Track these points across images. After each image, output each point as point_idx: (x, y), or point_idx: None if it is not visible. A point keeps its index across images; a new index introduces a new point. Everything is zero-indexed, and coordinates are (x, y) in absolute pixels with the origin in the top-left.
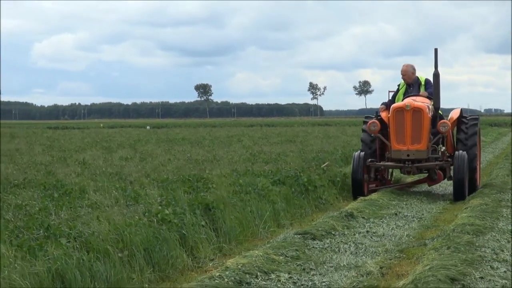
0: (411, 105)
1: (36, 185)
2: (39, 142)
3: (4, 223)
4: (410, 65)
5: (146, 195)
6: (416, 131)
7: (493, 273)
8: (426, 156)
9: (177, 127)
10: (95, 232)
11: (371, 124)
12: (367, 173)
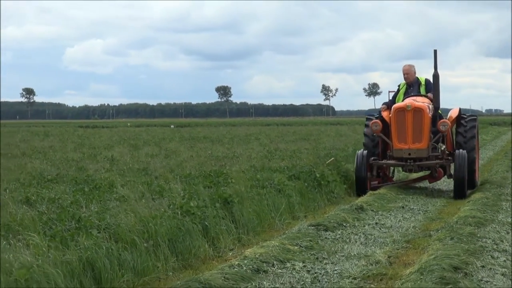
0: (412, 105)
1: (68, 180)
2: (71, 140)
3: (38, 215)
4: (412, 65)
5: (170, 189)
6: (417, 130)
7: (494, 262)
8: (427, 154)
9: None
10: (123, 223)
11: (373, 124)
12: (370, 171)
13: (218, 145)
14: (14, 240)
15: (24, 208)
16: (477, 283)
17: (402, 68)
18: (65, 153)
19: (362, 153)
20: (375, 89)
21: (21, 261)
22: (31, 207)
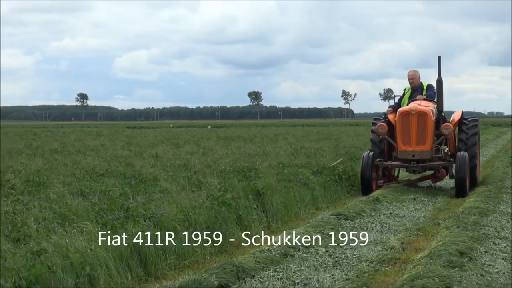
0: (416, 109)
1: (117, 175)
2: (120, 139)
3: (91, 206)
4: (417, 71)
5: (207, 182)
6: (421, 133)
7: (495, 248)
8: (430, 156)
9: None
10: (166, 213)
11: (379, 126)
12: (375, 172)
13: (250, 144)
14: (69, 228)
15: (78, 200)
16: (480, 266)
17: (408, 73)
18: (115, 150)
19: (368, 154)
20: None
21: (76, 246)
22: (84, 198)
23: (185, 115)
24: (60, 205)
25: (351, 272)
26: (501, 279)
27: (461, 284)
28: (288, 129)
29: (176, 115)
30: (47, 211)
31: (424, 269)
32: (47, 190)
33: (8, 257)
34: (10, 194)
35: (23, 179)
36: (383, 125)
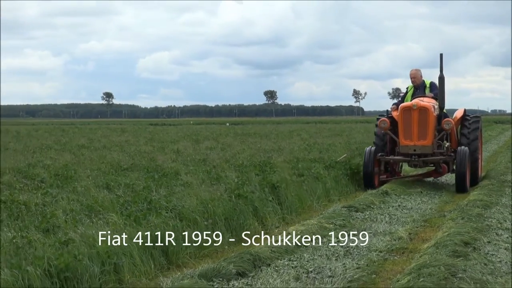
0: (417, 105)
1: (141, 169)
2: (143, 136)
3: (115, 198)
4: (419, 70)
5: (226, 176)
6: (422, 128)
7: (498, 239)
8: (431, 151)
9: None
10: (187, 205)
11: (381, 122)
12: (378, 166)
13: (266, 140)
14: (96, 219)
15: (104, 192)
16: (484, 256)
17: (410, 72)
18: (138, 146)
19: (370, 149)
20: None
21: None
22: (110, 191)
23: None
24: (87, 197)
25: (361, 261)
26: (503, 267)
27: (466, 273)
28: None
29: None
30: (74, 203)
31: (430, 258)
32: (75, 183)
33: (38, 246)
34: (40, 187)
35: (52, 173)
36: (385, 120)
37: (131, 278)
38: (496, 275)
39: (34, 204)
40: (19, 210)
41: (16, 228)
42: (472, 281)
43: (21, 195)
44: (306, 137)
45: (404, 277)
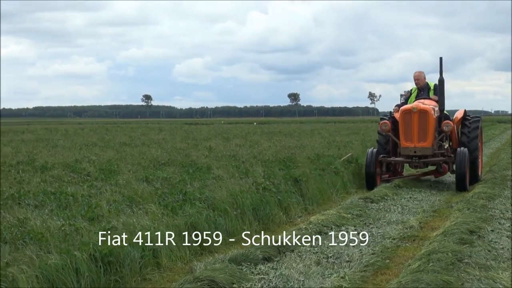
0: (417, 107)
1: (177, 164)
2: (179, 134)
3: (154, 190)
4: (422, 72)
5: (253, 171)
6: (422, 130)
7: (501, 227)
8: (431, 152)
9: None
10: (218, 196)
11: (383, 124)
12: (379, 167)
13: (290, 138)
14: (136, 209)
15: (144, 185)
16: (488, 243)
17: (414, 74)
18: (174, 143)
19: (372, 151)
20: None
21: (142, 224)
22: (149, 184)
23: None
24: (128, 189)
25: (376, 247)
26: (505, 254)
27: (471, 258)
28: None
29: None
30: (117, 195)
31: (439, 245)
32: (117, 176)
33: (84, 233)
34: (86, 180)
35: (97, 167)
36: (386, 123)
37: (168, 262)
38: (499, 261)
39: (81, 195)
40: (67, 201)
41: (65, 217)
42: (477, 266)
43: (69, 187)
44: (326, 135)
45: (415, 262)
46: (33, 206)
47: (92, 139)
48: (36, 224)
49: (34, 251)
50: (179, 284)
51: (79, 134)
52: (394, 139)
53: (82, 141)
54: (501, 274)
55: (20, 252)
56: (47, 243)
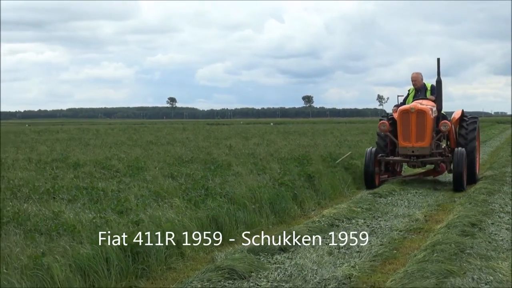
0: (415, 108)
1: (199, 161)
2: (201, 134)
3: (178, 185)
4: (419, 73)
5: (270, 167)
6: (420, 130)
7: (500, 221)
8: (429, 152)
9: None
10: (237, 191)
11: (381, 124)
12: (378, 166)
13: (304, 137)
14: (161, 203)
15: (169, 180)
16: (488, 235)
17: (411, 75)
18: (197, 142)
19: (371, 150)
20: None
21: (167, 217)
22: (174, 180)
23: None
24: (154, 185)
25: (384, 239)
26: (505, 245)
27: (473, 249)
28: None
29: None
30: (144, 190)
31: (443, 237)
32: (144, 173)
33: (114, 225)
34: (115, 176)
35: (126, 164)
36: (384, 123)
37: (191, 252)
38: (498, 251)
39: (111, 190)
40: (98, 195)
41: (96, 210)
42: (478, 256)
43: (99, 182)
44: (337, 134)
45: (421, 253)
46: (67, 200)
47: (121, 138)
48: (69, 217)
49: (68, 242)
50: (201, 272)
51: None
52: (392, 139)
53: (111, 140)
54: (500, 264)
55: (55, 242)
56: (80, 234)
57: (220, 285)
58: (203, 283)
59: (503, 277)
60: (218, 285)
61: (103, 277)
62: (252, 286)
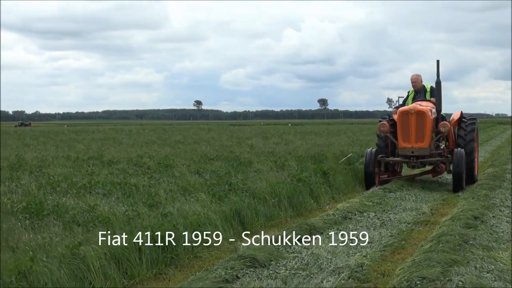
0: (415, 109)
1: (223, 159)
2: (225, 134)
3: (204, 181)
4: (419, 75)
5: (288, 165)
6: (420, 131)
7: (501, 214)
8: (429, 152)
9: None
10: (258, 187)
11: (381, 125)
12: (378, 167)
13: (319, 137)
14: (188, 197)
15: (195, 177)
16: (490, 227)
17: (411, 77)
18: (221, 141)
19: (371, 151)
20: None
21: (194, 210)
22: (200, 176)
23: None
24: (182, 180)
25: (393, 230)
26: (505, 236)
27: (475, 240)
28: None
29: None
30: (172, 185)
31: (447, 229)
32: (173, 169)
33: (145, 217)
34: (146, 172)
35: (156, 161)
36: (384, 124)
37: (216, 242)
38: (499, 242)
39: (142, 185)
40: (130, 190)
41: (128, 203)
42: (481, 247)
43: (132, 178)
44: (350, 134)
45: (427, 243)
46: (102, 194)
47: (152, 138)
48: (104, 210)
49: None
50: (225, 261)
51: (140, 134)
52: (392, 139)
53: (143, 140)
54: (501, 254)
55: (91, 233)
56: (114, 226)
57: (242, 272)
58: (226, 270)
59: (504, 266)
60: (241, 273)
61: (136, 265)
62: (272, 273)
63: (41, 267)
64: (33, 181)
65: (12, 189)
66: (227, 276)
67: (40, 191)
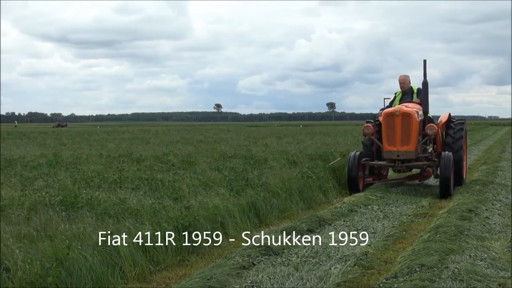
0: (400, 111)
1: (240, 157)
2: (242, 134)
3: (223, 177)
4: (407, 75)
5: (299, 162)
6: (405, 134)
7: (493, 207)
8: (415, 156)
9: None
10: (272, 182)
11: (365, 127)
12: (362, 171)
13: (328, 137)
14: (209, 191)
15: (215, 173)
16: (483, 219)
17: (399, 78)
18: (239, 141)
19: (355, 154)
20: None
21: (214, 203)
22: (219, 172)
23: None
24: (203, 176)
25: (395, 222)
26: (497, 228)
27: (470, 231)
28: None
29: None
30: (195, 180)
31: (444, 221)
32: (195, 166)
33: (170, 209)
34: (171, 169)
35: (179, 159)
36: (368, 126)
37: (233, 232)
38: (492, 233)
39: (167, 180)
40: (156, 185)
41: (154, 197)
42: (475, 237)
43: (158, 174)
44: (356, 135)
45: (426, 234)
46: (131, 188)
47: (176, 138)
48: (133, 203)
49: (132, 223)
50: (242, 249)
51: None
52: (377, 142)
53: (168, 139)
54: (493, 244)
55: (121, 224)
56: (142, 217)
57: (258, 260)
58: (243, 258)
59: (496, 255)
60: (256, 260)
61: (161, 252)
62: (284, 260)
63: (77, 254)
64: (68, 176)
65: (50, 184)
66: (244, 263)
67: (75, 185)
